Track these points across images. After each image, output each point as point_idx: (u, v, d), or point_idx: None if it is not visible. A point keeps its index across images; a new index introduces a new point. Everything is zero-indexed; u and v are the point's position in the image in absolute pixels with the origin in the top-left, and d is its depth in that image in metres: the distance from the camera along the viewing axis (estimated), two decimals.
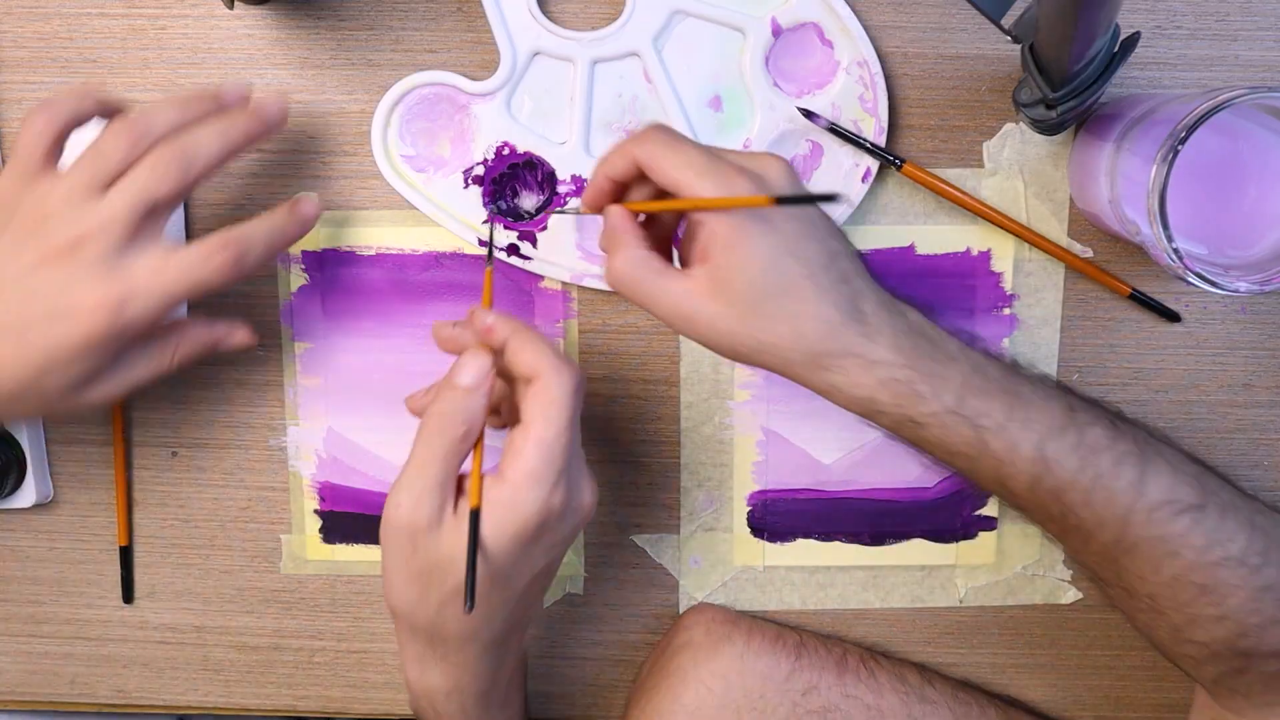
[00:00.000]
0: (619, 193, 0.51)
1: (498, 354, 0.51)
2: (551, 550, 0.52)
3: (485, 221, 0.60)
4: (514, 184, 0.60)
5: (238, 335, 0.58)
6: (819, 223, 0.49)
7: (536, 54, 0.59)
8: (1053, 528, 0.52)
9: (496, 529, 0.49)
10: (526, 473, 0.48)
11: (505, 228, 0.61)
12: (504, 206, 0.61)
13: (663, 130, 0.49)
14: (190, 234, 0.62)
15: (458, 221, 0.60)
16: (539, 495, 0.49)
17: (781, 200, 0.46)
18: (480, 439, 0.50)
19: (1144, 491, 0.49)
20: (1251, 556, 0.49)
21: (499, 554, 0.49)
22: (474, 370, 0.50)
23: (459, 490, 0.50)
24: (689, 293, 0.48)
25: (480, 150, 0.60)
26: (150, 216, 0.51)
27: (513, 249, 0.61)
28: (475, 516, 0.48)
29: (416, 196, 0.60)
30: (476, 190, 0.60)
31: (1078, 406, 0.50)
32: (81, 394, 0.53)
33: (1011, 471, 0.49)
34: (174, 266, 0.51)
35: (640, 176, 0.50)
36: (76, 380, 0.52)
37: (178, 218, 0.61)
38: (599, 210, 0.51)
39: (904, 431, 0.50)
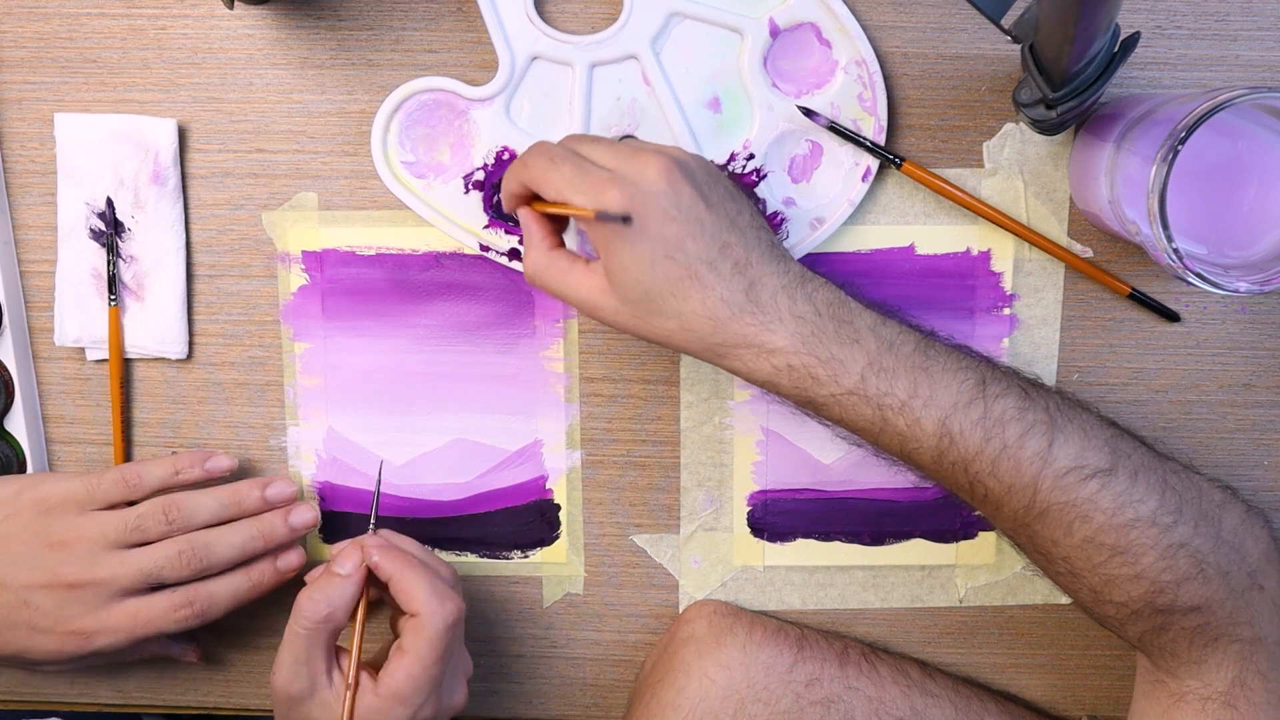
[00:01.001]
0: (530, 197, 0.55)
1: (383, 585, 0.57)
2: None
3: (486, 228, 0.61)
4: None
5: (191, 657, 0.65)
6: (706, 217, 0.51)
7: (535, 58, 0.59)
8: (964, 496, 0.53)
9: None
10: (395, 694, 0.54)
11: (506, 232, 0.61)
12: (504, 211, 0.61)
13: (539, 151, 0.52)
14: (190, 235, 0.62)
15: (458, 227, 0.60)
16: (407, 713, 0.55)
17: (600, 216, 0.49)
18: (360, 630, 0.56)
19: (1052, 459, 0.51)
20: (1163, 516, 0.51)
21: None
22: (347, 561, 0.56)
23: (338, 660, 0.56)
24: (591, 289, 0.52)
25: (480, 155, 0.60)
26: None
27: (514, 253, 0.61)
28: None
29: (417, 203, 0.60)
30: (477, 195, 0.60)
31: (990, 379, 0.52)
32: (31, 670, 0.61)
33: (915, 446, 0.51)
34: (144, 616, 0.57)
35: None
36: (29, 667, 0.60)
37: (177, 211, 0.61)
38: (514, 212, 0.56)
39: (805, 410, 0.54)
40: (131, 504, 0.59)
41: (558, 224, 0.55)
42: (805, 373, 0.51)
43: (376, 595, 0.58)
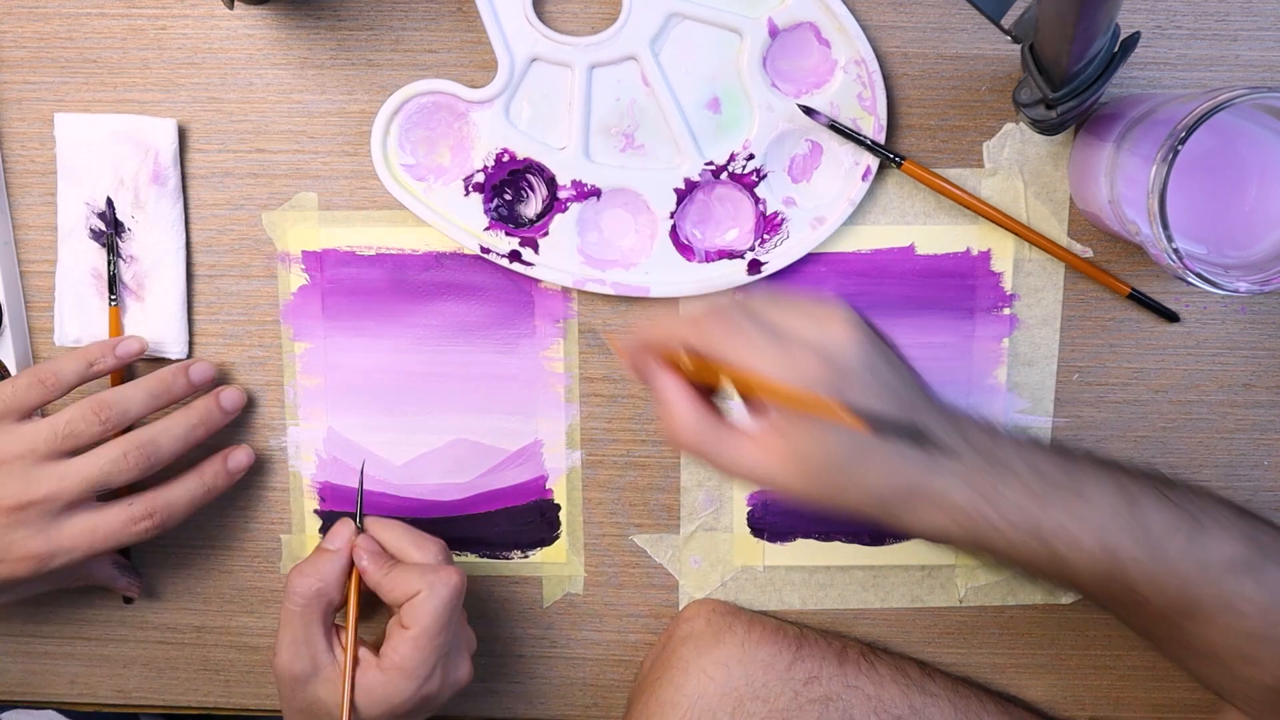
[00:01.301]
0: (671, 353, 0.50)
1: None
2: (427, 713, 0.57)
3: (486, 230, 0.61)
4: (514, 190, 0.60)
5: (133, 590, 0.64)
6: (881, 370, 0.48)
7: (534, 60, 0.59)
8: (1123, 611, 0.52)
9: (372, 708, 0.55)
10: (399, 667, 0.55)
11: (506, 234, 0.61)
12: (504, 213, 0.61)
13: (718, 316, 0.48)
14: (190, 235, 0.62)
15: (459, 229, 0.60)
16: (412, 686, 0.55)
17: (868, 421, 0.44)
18: (355, 607, 0.57)
19: (1200, 555, 0.49)
20: None
21: None
22: (336, 537, 0.58)
23: (338, 636, 0.57)
24: (761, 460, 0.48)
25: (480, 157, 0.60)
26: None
27: (514, 255, 0.61)
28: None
29: (417, 205, 0.60)
30: (477, 197, 0.60)
31: (1126, 482, 0.51)
32: None
33: (1079, 569, 0.50)
34: (102, 530, 0.56)
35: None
36: None
37: (177, 211, 0.61)
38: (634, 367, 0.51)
39: (977, 556, 0.53)
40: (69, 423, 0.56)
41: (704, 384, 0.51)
42: (977, 516, 0.49)
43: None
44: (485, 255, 0.61)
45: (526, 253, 0.61)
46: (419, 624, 0.54)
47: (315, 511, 0.65)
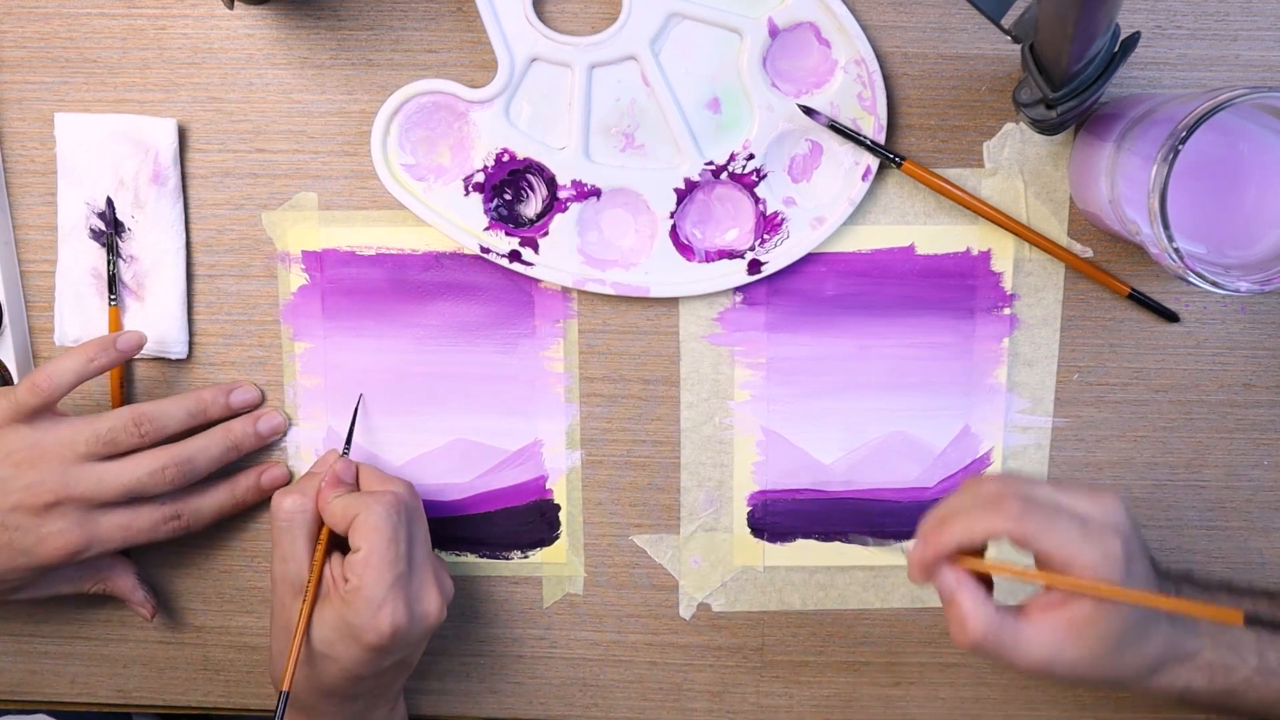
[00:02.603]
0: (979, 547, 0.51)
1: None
2: (400, 652, 0.57)
3: (486, 229, 0.61)
4: (515, 190, 0.60)
5: (145, 610, 0.64)
6: (1138, 543, 0.51)
7: (534, 60, 0.59)
8: None
9: (339, 635, 0.55)
10: (357, 589, 0.54)
11: (506, 234, 0.61)
12: (504, 213, 0.61)
13: (1023, 504, 0.49)
14: (190, 235, 0.62)
15: (459, 229, 0.60)
16: (370, 609, 0.54)
17: (1251, 620, 0.49)
18: (323, 539, 0.58)
19: None
20: None
21: (346, 658, 0.55)
22: (323, 462, 0.61)
23: (318, 548, 0.58)
24: (1053, 643, 0.49)
25: (480, 157, 0.60)
26: None
27: (514, 255, 0.61)
28: (284, 698, 0.54)
29: (417, 205, 0.60)
30: (477, 197, 0.60)
31: None
32: (6, 597, 0.60)
33: None
34: (135, 526, 0.59)
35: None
36: (8, 591, 0.59)
37: (177, 211, 0.61)
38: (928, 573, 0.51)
39: (1225, 707, 0.54)
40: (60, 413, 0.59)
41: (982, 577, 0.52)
42: (1219, 664, 0.52)
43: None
44: (485, 255, 0.61)
45: (526, 253, 0.61)
46: (366, 544, 0.55)
47: None
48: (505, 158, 0.60)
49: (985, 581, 0.51)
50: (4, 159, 0.62)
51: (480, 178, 0.60)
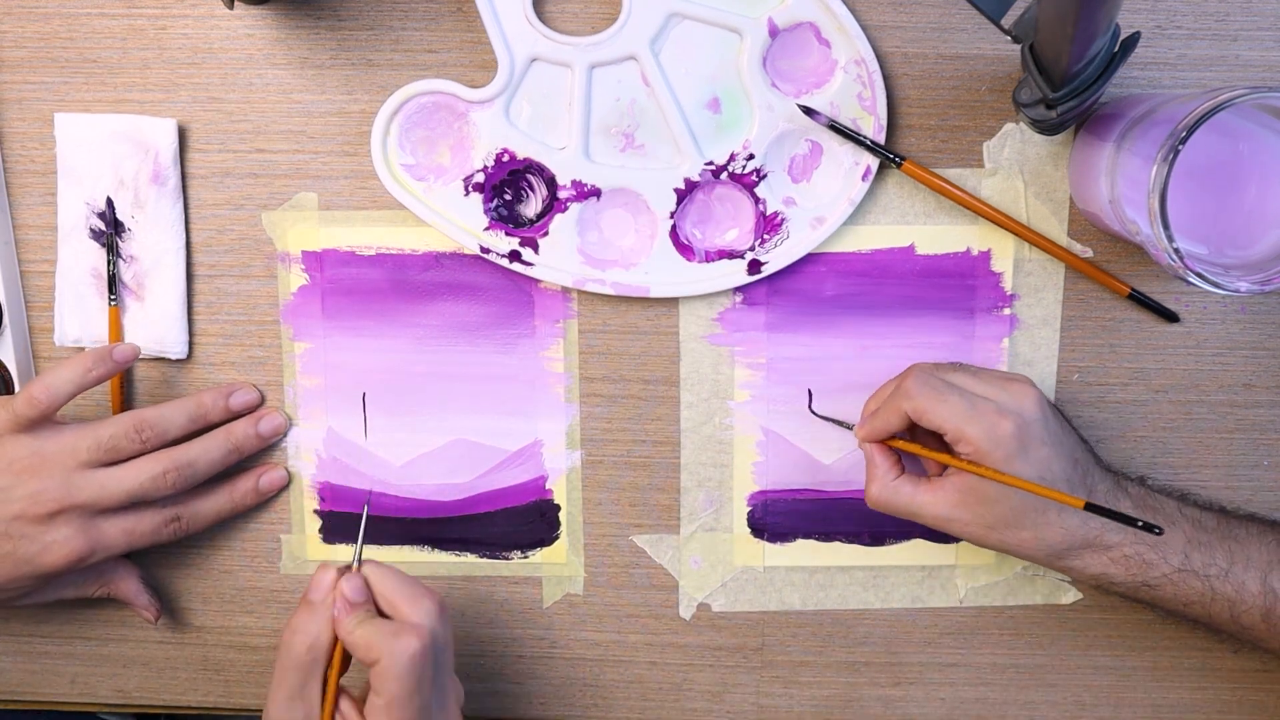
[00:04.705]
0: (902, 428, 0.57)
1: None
2: None
3: (486, 230, 0.61)
4: (514, 190, 0.60)
5: (149, 613, 0.64)
6: (1063, 437, 0.56)
7: (534, 60, 0.59)
8: None
9: None
10: None
11: (506, 234, 0.61)
12: (504, 213, 0.61)
13: (924, 382, 0.55)
14: (190, 235, 0.62)
15: (459, 229, 0.60)
16: None
17: (1091, 508, 0.51)
18: (336, 666, 0.54)
19: None
20: None
21: None
22: (319, 588, 0.54)
23: (328, 696, 0.53)
24: (943, 506, 0.56)
25: (480, 157, 0.60)
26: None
27: (514, 255, 0.61)
28: None
29: (417, 205, 0.60)
30: (477, 197, 0.60)
31: None
32: (9, 604, 0.60)
33: (1245, 608, 0.56)
34: (138, 531, 0.59)
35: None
36: (12, 599, 0.59)
37: (177, 211, 0.61)
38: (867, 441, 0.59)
39: (1137, 595, 0.57)
40: (54, 420, 0.58)
41: (896, 451, 0.58)
42: (1139, 559, 0.56)
43: None
44: (485, 255, 0.61)
45: (526, 253, 0.61)
46: (386, 692, 0.51)
47: (315, 511, 0.65)
48: (505, 158, 0.60)
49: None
50: (4, 159, 0.62)
51: (480, 178, 0.60)
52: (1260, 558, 0.56)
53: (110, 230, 0.61)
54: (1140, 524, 0.50)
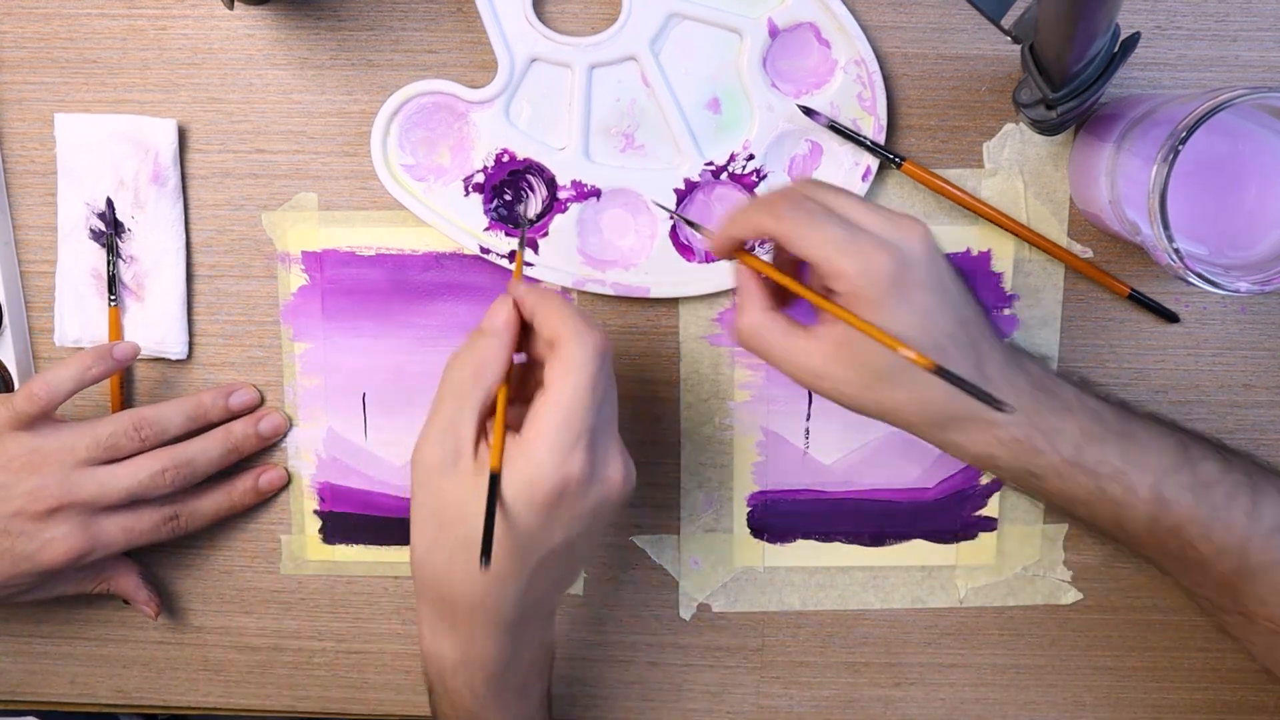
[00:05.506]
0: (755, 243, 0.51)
1: (528, 327, 0.51)
2: (571, 525, 0.48)
3: (486, 230, 0.60)
4: (515, 190, 0.60)
5: (149, 609, 0.64)
6: (952, 290, 0.49)
7: (534, 60, 0.59)
8: (1171, 563, 0.53)
9: (510, 488, 0.47)
10: (542, 434, 0.47)
11: (506, 234, 0.61)
12: (504, 213, 0.61)
13: (796, 201, 0.48)
14: (190, 235, 0.62)
15: (459, 229, 0.60)
16: (554, 459, 0.47)
17: (940, 373, 0.44)
18: (505, 395, 0.49)
19: (1259, 518, 0.50)
20: None
21: (512, 515, 0.47)
22: (495, 316, 0.50)
23: (481, 440, 0.49)
24: (816, 357, 0.49)
25: (480, 158, 0.60)
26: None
27: (514, 255, 0.61)
28: (495, 479, 0.46)
29: (417, 205, 0.60)
30: (477, 198, 0.60)
31: (1189, 442, 0.52)
32: (9, 601, 0.59)
33: (1130, 514, 0.51)
34: (138, 529, 0.59)
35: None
36: (11, 596, 0.59)
37: (177, 211, 0.61)
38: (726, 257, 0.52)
39: (1022, 483, 0.53)
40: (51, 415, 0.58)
41: (777, 284, 0.51)
42: (1027, 444, 0.50)
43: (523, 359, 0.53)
44: (485, 255, 0.61)
45: (526, 253, 0.61)
46: (559, 383, 0.47)
47: (315, 512, 0.65)
48: (505, 158, 0.60)
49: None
50: (4, 159, 0.62)
51: (480, 178, 0.60)
52: (1155, 463, 0.51)
53: (110, 230, 0.61)
54: (984, 396, 0.43)
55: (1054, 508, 0.54)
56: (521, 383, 0.53)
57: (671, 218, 0.60)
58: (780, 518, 0.64)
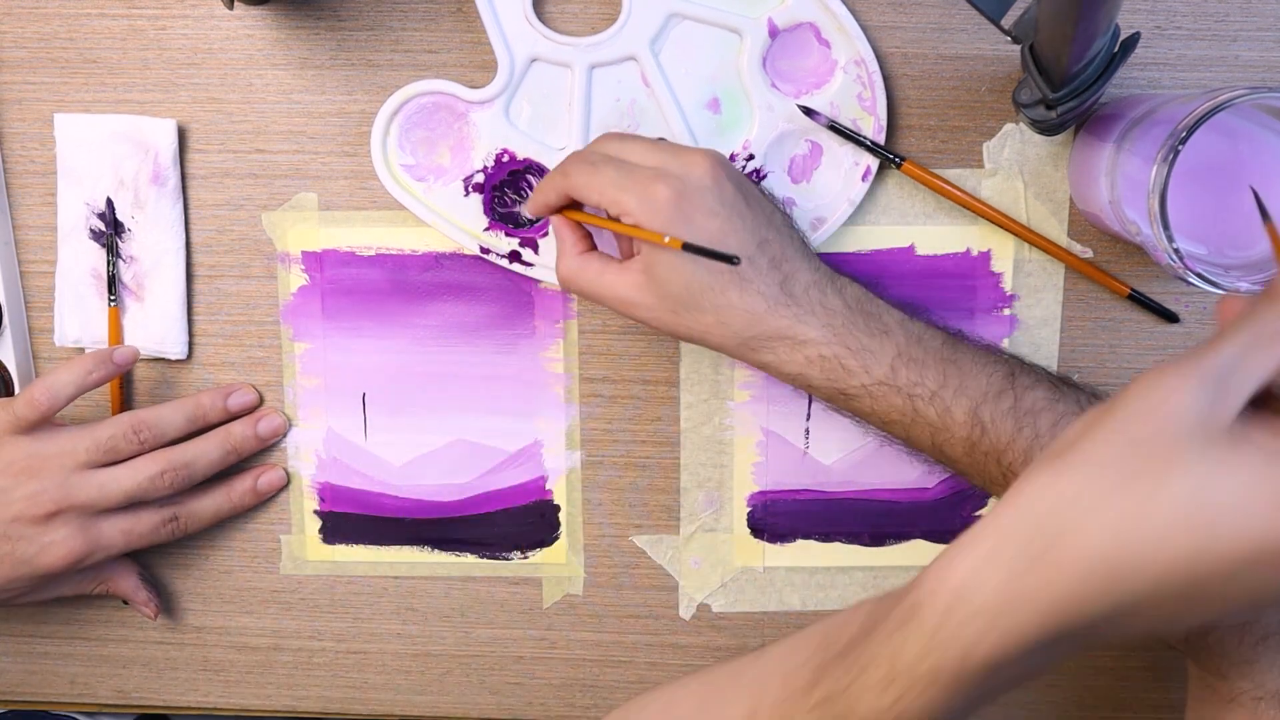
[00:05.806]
0: (565, 206, 0.55)
1: None
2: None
3: (486, 230, 0.61)
4: (515, 190, 0.60)
5: (149, 610, 0.64)
6: (735, 202, 0.52)
7: (534, 60, 0.59)
8: (996, 490, 0.53)
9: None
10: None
11: (506, 234, 0.61)
12: (504, 213, 0.61)
13: (577, 158, 0.53)
14: (190, 235, 0.62)
15: (459, 229, 0.60)
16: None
17: (687, 247, 0.48)
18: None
19: None
20: None
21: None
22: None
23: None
24: (627, 287, 0.53)
25: (480, 158, 0.60)
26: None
27: (514, 255, 0.61)
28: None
29: (417, 205, 0.60)
30: (477, 198, 0.60)
31: (1019, 372, 0.53)
32: (9, 603, 0.60)
33: (947, 436, 0.52)
34: (137, 531, 0.59)
35: None
36: (11, 598, 0.59)
37: (177, 211, 0.61)
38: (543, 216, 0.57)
39: (836, 403, 0.54)
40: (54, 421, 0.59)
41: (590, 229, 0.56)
42: (837, 363, 0.52)
43: None
44: (485, 255, 0.61)
45: (526, 253, 0.61)
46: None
47: (315, 512, 0.65)
48: (505, 158, 0.60)
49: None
50: (4, 159, 0.62)
51: (480, 178, 0.60)
52: (976, 387, 0.52)
53: (110, 231, 0.61)
54: (716, 254, 0.46)
55: (874, 429, 0.55)
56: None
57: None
58: (780, 518, 0.64)
